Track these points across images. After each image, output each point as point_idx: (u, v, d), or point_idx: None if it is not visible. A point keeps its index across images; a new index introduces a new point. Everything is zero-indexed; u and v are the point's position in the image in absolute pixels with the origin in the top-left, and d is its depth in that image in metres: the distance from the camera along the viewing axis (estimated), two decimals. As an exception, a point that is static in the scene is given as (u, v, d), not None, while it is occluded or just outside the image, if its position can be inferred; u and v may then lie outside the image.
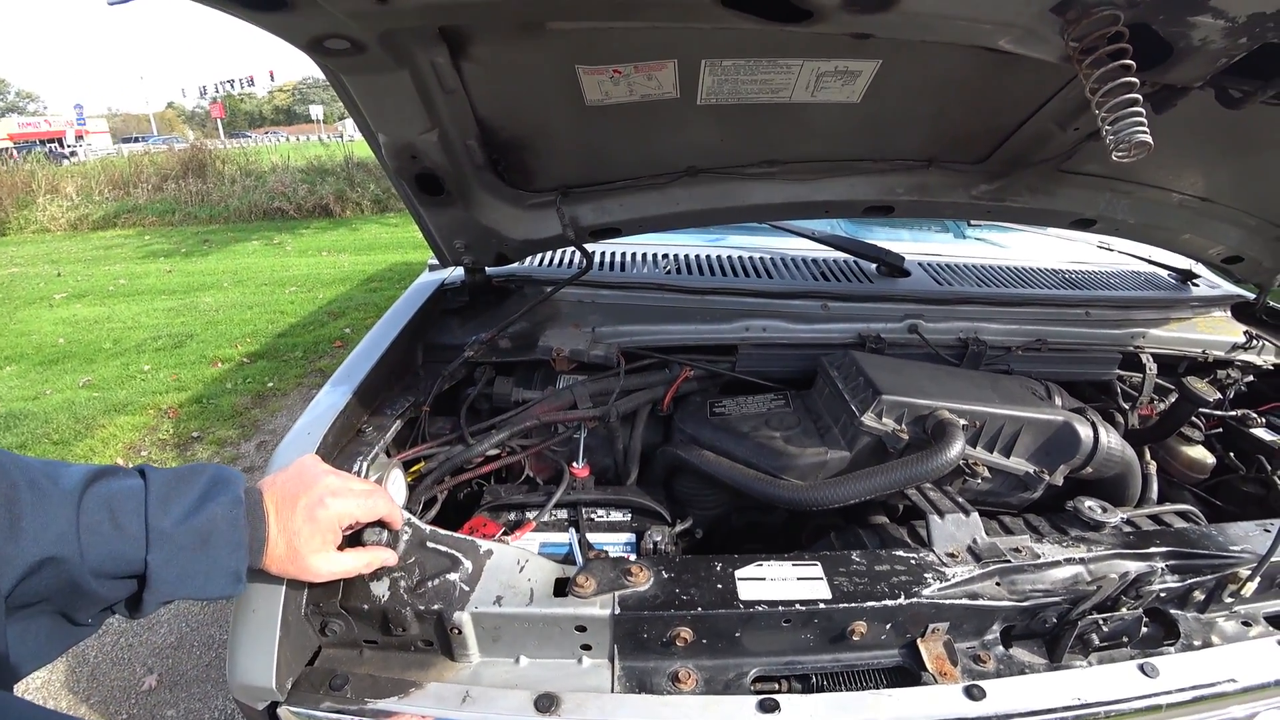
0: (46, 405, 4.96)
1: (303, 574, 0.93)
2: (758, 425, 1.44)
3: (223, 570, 0.81)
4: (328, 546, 0.94)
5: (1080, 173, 1.56)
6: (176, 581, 0.78)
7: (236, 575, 0.83)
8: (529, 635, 1.04)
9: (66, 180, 13.71)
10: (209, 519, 0.80)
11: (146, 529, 0.75)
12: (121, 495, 0.76)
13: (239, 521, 0.83)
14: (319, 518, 0.92)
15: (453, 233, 1.54)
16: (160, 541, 0.76)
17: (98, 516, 0.72)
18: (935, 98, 1.30)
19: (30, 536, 0.67)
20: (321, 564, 0.93)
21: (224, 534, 0.81)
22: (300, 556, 0.91)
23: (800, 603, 1.03)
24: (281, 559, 0.90)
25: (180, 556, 0.78)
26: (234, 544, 0.82)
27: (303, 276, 8.46)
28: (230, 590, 0.84)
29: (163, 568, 0.76)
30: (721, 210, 1.59)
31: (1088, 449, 1.36)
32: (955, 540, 1.18)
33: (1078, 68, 0.80)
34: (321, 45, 0.92)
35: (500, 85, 1.18)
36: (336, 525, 0.95)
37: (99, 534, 0.72)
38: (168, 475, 0.81)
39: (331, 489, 0.95)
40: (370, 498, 1.00)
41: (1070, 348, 1.78)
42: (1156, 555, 1.17)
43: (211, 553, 0.80)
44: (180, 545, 0.78)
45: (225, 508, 0.82)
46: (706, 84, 1.20)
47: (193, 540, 0.79)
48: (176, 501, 0.79)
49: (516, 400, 1.54)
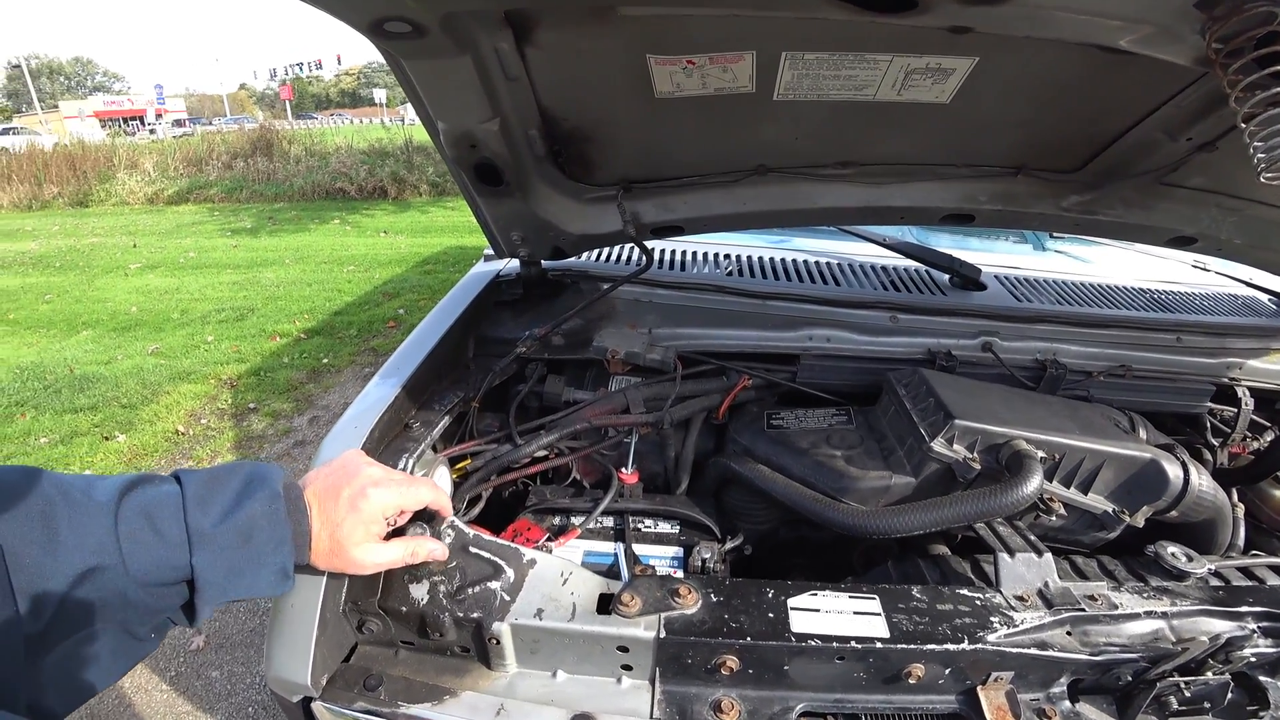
0: (117, 370, 5.18)
1: (348, 567, 0.91)
2: (817, 442, 1.36)
3: (269, 566, 0.80)
4: (371, 538, 0.92)
5: (1183, 186, 1.43)
6: (224, 582, 0.77)
7: (284, 571, 0.82)
8: (569, 651, 1.01)
9: (145, 156, 14.31)
10: (249, 516, 0.79)
11: (187, 532, 0.74)
12: (158, 501, 0.74)
13: (279, 516, 0.82)
14: (361, 508, 0.90)
15: (510, 224, 1.50)
16: (203, 543, 0.75)
17: (136, 524, 0.71)
18: (1032, 100, 1.20)
19: (69, 547, 0.66)
20: (366, 555, 0.91)
21: (265, 530, 0.80)
22: (344, 549, 0.89)
23: (856, 639, 0.97)
24: (326, 553, 0.88)
25: (225, 556, 0.76)
26: (277, 539, 0.81)
27: (361, 256, 8.65)
28: (279, 587, 0.82)
29: (209, 569, 0.75)
30: (790, 212, 1.51)
31: (1176, 491, 1.25)
32: (1025, 582, 1.11)
33: (1219, 74, 0.70)
34: (381, 28, 0.88)
35: (566, 74, 1.13)
36: (379, 515, 0.92)
37: (139, 542, 0.71)
38: (203, 476, 0.80)
39: (374, 479, 0.93)
40: (414, 486, 0.98)
41: (1158, 376, 1.65)
42: (1249, 615, 1.08)
43: (255, 549, 0.79)
44: (223, 545, 0.76)
45: (264, 503, 0.81)
46: (785, 79, 1.12)
47: (235, 539, 0.77)
48: (214, 502, 0.78)
49: (567, 400, 1.50)
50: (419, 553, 0.98)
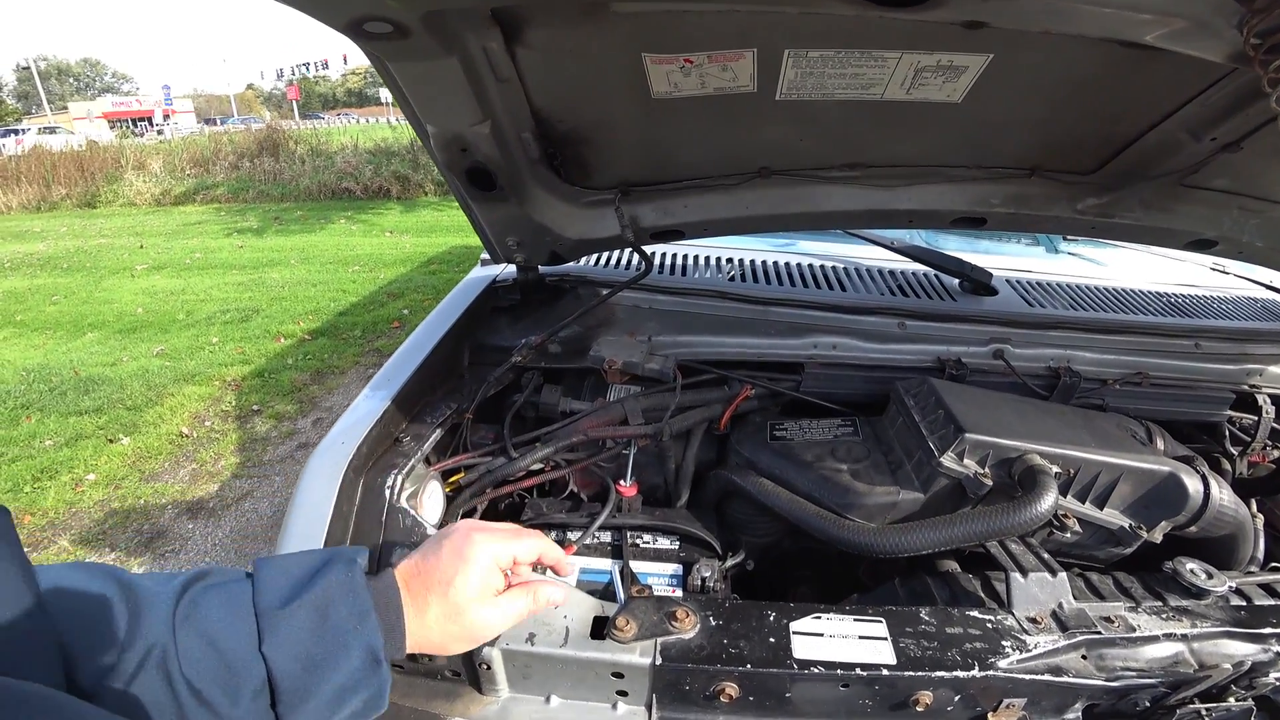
0: (122, 372, 5.18)
1: (468, 635, 0.77)
2: (822, 454, 1.31)
3: (355, 649, 0.67)
4: (490, 592, 0.79)
5: (1204, 188, 1.38)
6: (304, 677, 0.64)
7: (372, 654, 0.68)
8: (562, 676, 0.98)
9: (152, 157, 14.36)
10: (323, 589, 0.68)
11: (256, 615, 0.65)
12: (222, 585, 0.67)
13: (358, 584, 0.70)
14: (471, 556, 0.77)
15: (505, 229, 1.45)
16: (272, 627, 0.65)
17: (189, 609, 0.63)
18: (1048, 99, 1.14)
19: (125, 644, 0.59)
20: (489, 615, 0.78)
21: (343, 601, 0.68)
22: (462, 612, 0.75)
23: (861, 666, 0.94)
24: (438, 621, 0.75)
25: (300, 641, 0.65)
26: (359, 612, 0.68)
27: (366, 256, 8.64)
28: (370, 679, 0.68)
29: (283, 659, 0.64)
30: (794, 216, 1.46)
31: (1196, 506, 1.20)
32: (1038, 603, 1.07)
33: (1259, 71, 0.65)
34: (361, 29, 0.83)
35: (559, 74, 1.08)
36: (494, 564, 0.80)
37: (194, 625, 0.62)
38: (274, 563, 0.71)
39: (477, 526, 0.83)
40: (524, 535, 0.86)
41: (1175, 383, 1.60)
42: (1272, 637, 1.03)
43: (335, 627, 0.67)
44: (297, 626, 0.65)
45: (340, 572, 0.70)
46: (788, 77, 1.07)
47: (310, 616, 0.66)
48: (284, 581, 0.69)
49: (564, 410, 1.45)
50: (540, 599, 0.85)
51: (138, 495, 3.64)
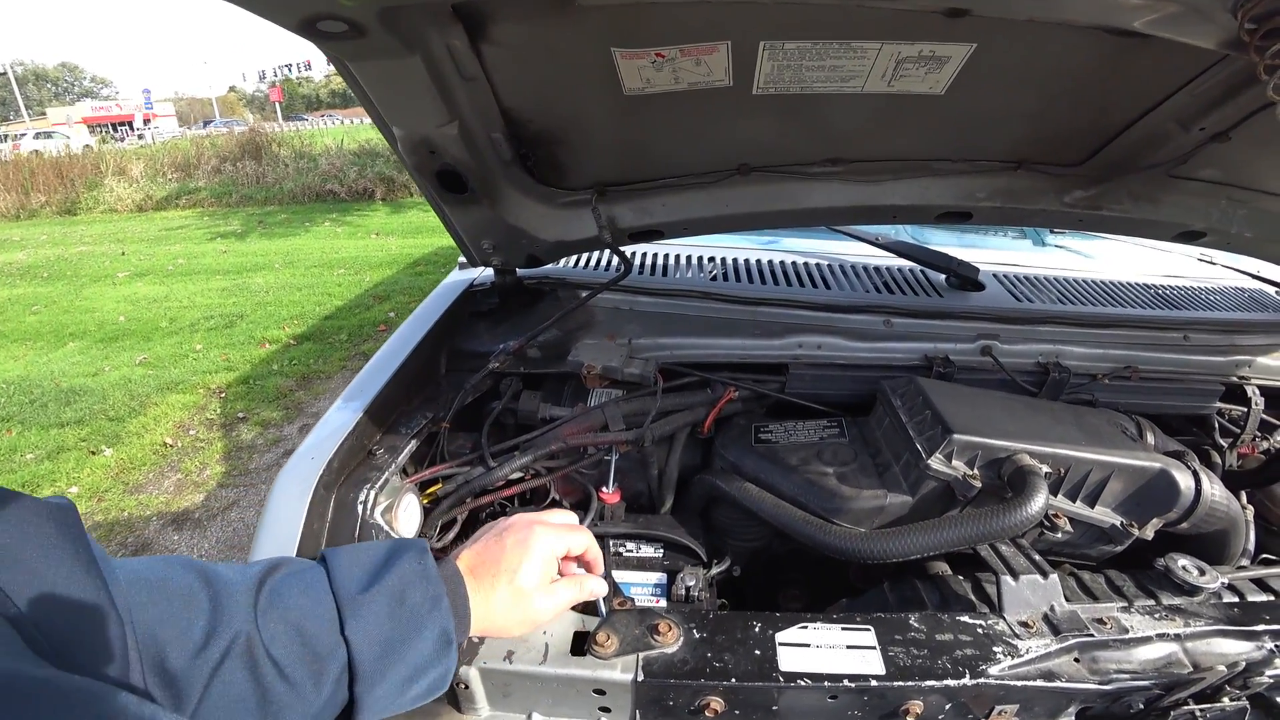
0: (104, 381, 5.10)
1: (528, 619, 0.83)
2: (808, 458, 1.28)
3: (430, 630, 0.72)
4: (547, 580, 0.86)
5: (1193, 178, 1.35)
6: (382, 659, 0.69)
7: (445, 636, 0.72)
8: (542, 693, 0.95)
9: (132, 162, 14.18)
10: (399, 576, 0.72)
11: (336, 600, 0.68)
12: (300, 573, 0.70)
13: (431, 573, 0.74)
14: (533, 545, 0.83)
15: (480, 233, 1.41)
16: (354, 610, 0.68)
17: (274, 600, 0.66)
18: (1034, 90, 1.12)
19: (208, 632, 0.61)
20: (548, 601, 0.84)
21: (419, 587, 0.73)
22: (527, 598, 0.81)
23: (849, 678, 0.91)
24: (503, 606, 0.80)
25: (379, 625, 0.69)
26: (433, 597, 0.73)
27: (351, 259, 8.56)
28: (442, 658, 0.73)
29: (364, 642, 0.67)
30: (776, 213, 1.43)
31: (1187, 502, 1.19)
32: (1030, 606, 1.05)
33: (1255, 57, 0.62)
34: (315, 28, 0.79)
35: (527, 72, 1.05)
36: (552, 555, 0.86)
37: (282, 619, 0.65)
38: (344, 551, 0.75)
39: (537, 519, 0.88)
40: (575, 530, 0.92)
41: (1165, 377, 1.57)
42: (1265, 634, 1.02)
43: (411, 611, 0.71)
44: (376, 610, 0.69)
45: (413, 561, 0.74)
46: (764, 70, 1.04)
47: (388, 602, 0.70)
48: (359, 567, 0.72)
49: (544, 417, 1.41)
50: (586, 589, 0.91)
51: (121, 507, 3.58)
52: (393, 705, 0.71)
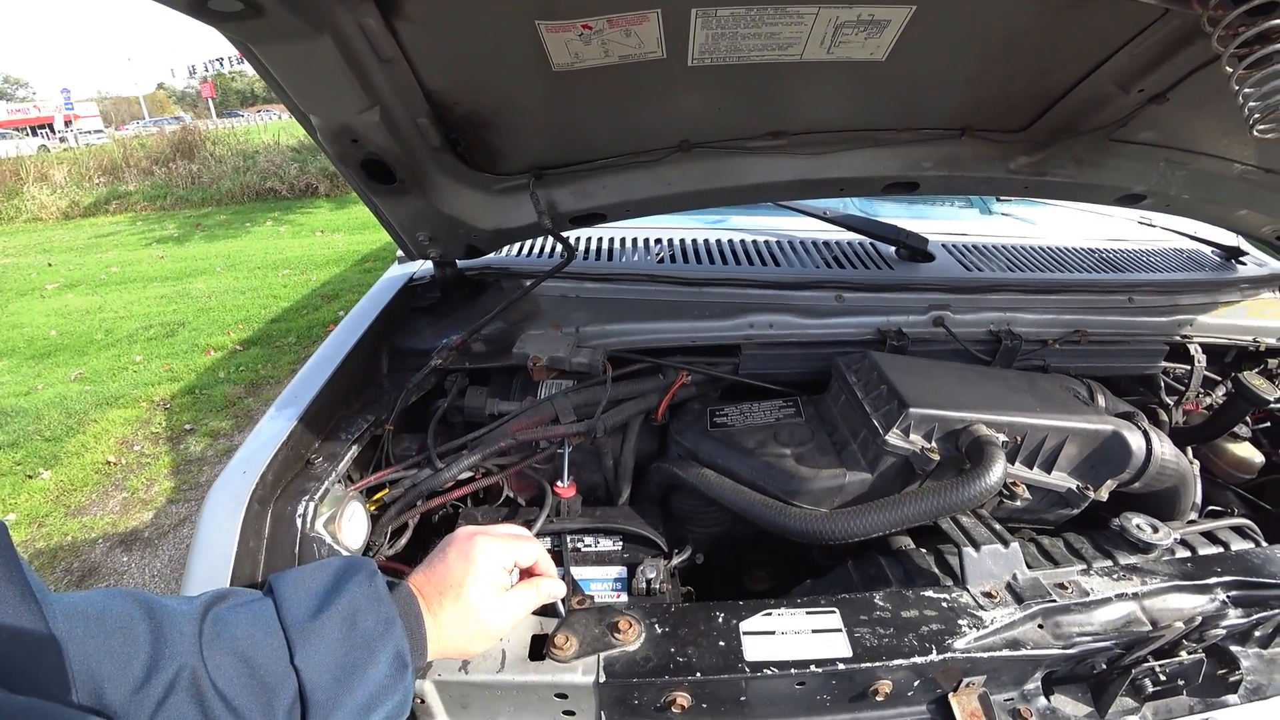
0: (38, 400, 4.86)
1: (482, 633, 0.81)
2: (765, 439, 1.26)
3: (384, 654, 0.69)
4: (498, 590, 0.83)
5: (1133, 141, 1.36)
6: (336, 686, 0.66)
7: (400, 658, 0.70)
8: (503, 702, 0.92)
9: (54, 167, 13.48)
10: (349, 601, 0.70)
11: (284, 629, 0.65)
12: (246, 604, 0.67)
13: (381, 594, 0.72)
14: (475, 556, 0.81)
15: (414, 224, 1.35)
16: (304, 637, 0.66)
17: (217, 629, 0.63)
18: (975, 54, 1.09)
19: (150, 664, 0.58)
20: (499, 611, 0.82)
21: (369, 610, 0.70)
22: (474, 612, 0.79)
23: (816, 663, 0.90)
24: (454, 623, 0.78)
25: (331, 651, 0.66)
26: (385, 619, 0.70)
27: (296, 259, 8.31)
28: (397, 683, 0.70)
29: (316, 670, 0.65)
30: (720, 191, 1.39)
31: (1139, 462, 1.20)
32: (993, 576, 1.05)
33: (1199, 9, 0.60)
34: (206, 8, 0.72)
35: (449, 50, 0.98)
36: (498, 564, 0.84)
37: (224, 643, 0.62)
38: (290, 576, 0.73)
39: (477, 530, 0.86)
40: (521, 539, 0.90)
41: (1113, 339, 1.60)
42: (1217, 586, 1.05)
43: (364, 635, 0.68)
44: (327, 637, 0.67)
45: (362, 584, 0.72)
46: (699, 40, 1.00)
47: (339, 626, 0.68)
48: (307, 593, 0.70)
49: (492, 413, 1.37)
50: (544, 592, 0.89)
51: (64, 531, 3.41)
52: None
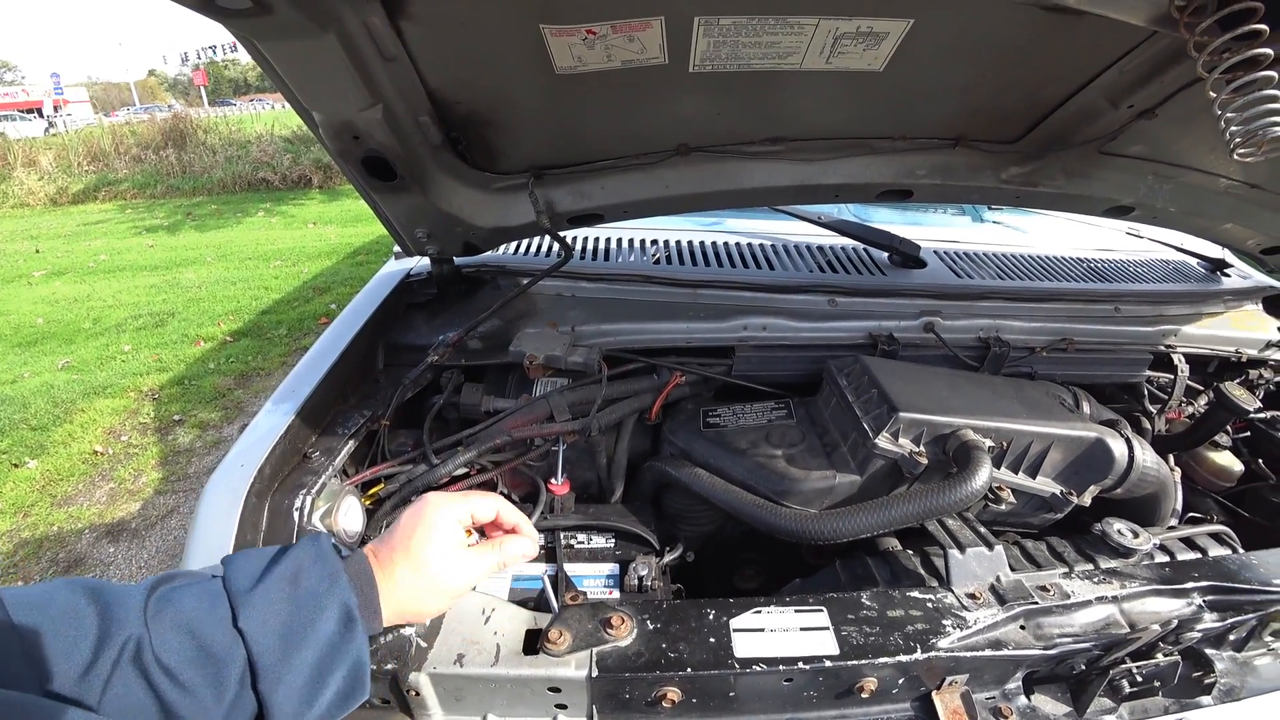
0: (24, 389, 4.81)
1: (435, 584, 0.77)
2: (757, 440, 1.28)
3: (330, 610, 0.67)
4: (453, 547, 0.80)
5: (1122, 155, 1.39)
6: (282, 648, 0.63)
7: (347, 612, 0.68)
8: (496, 695, 0.93)
9: (42, 152, 13.32)
10: (293, 562, 0.69)
11: (228, 594, 0.64)
12: (190, 580, 0.66)
13: (326, 552, 0.71)
14: (426, 513, 0.79)
15: (412, 221, 1.36)
16: (247, 602, 0.64)
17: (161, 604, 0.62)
18: (970, 67, 1.12)
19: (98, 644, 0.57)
20: (454, 569, 0.79)
21: (314, 568, 0.69)
22: (426, 563, 0.76)
23: (804, 660, 0.92)
24: (405, 578, 0.75)
25: (275, 610, 0.65)
26: (330, 574, 0.69)
27: (288, 250, 8.27)
28: (347, 640, 0.67)
29: (259, 632, 0.63)
30: (717, 194, 1.41)
31: (1121, 468, 1.23)
32: (977, 578, 1.07)
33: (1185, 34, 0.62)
34: (215, 5, 0.73)
35: (452, 51, 0.99)
36: (452, 520, 0.81)
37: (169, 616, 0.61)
38: (237, 556, 0.71)
39: (433, 493, 0.85)
40: (478, 495, 0.87)
41: (1098, 348, 1.63)
42: (1194, 591, 1.08)
43: (307, 592, 0.67)
44: (270, 598, 0.65)
45: (307, 547, 0.71)
46: (700, 48, 1.01)
47: (282, 587, 0.66)
48: (251, 564, 0.68)
49: (487, 410, 1.38)
50: (508, 552, 0.86)
51: (50, 521, 3.38)
52: (310, 710, 0.66)
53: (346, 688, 0.68)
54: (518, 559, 0.88)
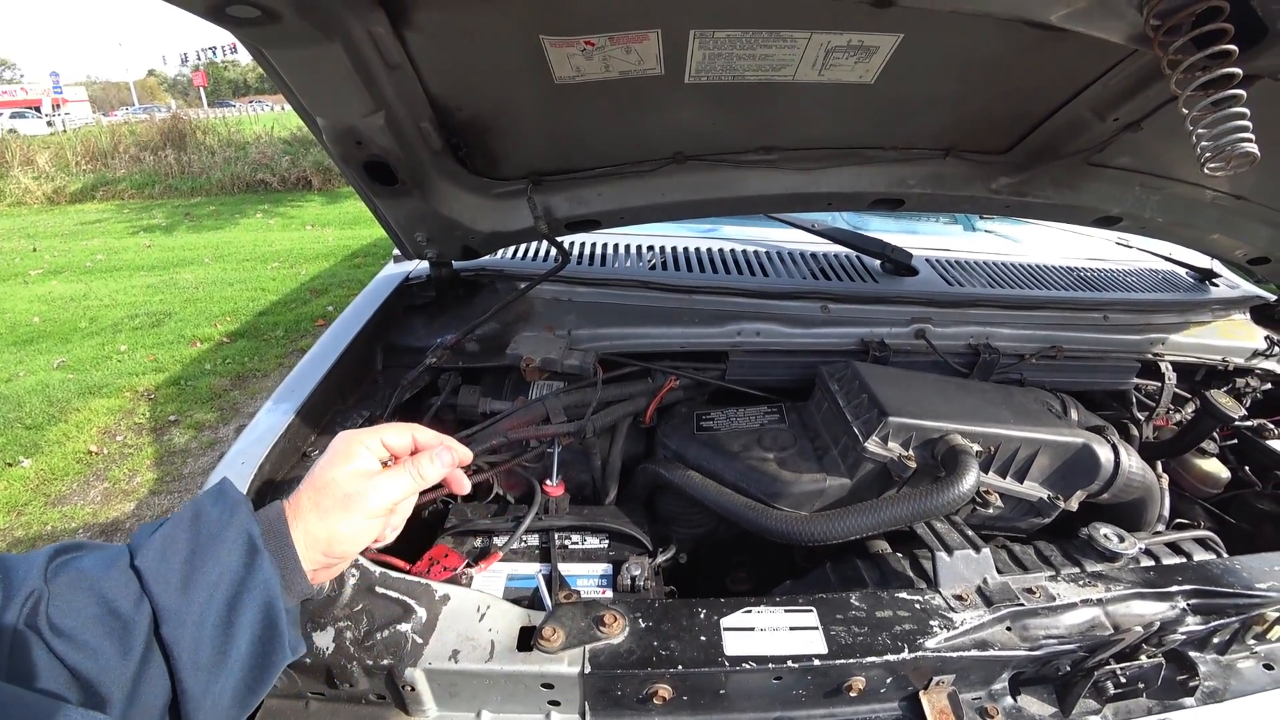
0: (19, 388, 4.80)
1: (342, 504, 0.71)
2: (749, 444, 1.30)
3: (230, 538, 0.63)
4: (362, 471, 0.74)
5: (1110, 166, 1.42)
6: (180, 585, 0.59)
7: (249, 540, 0.63)
8: (490, 691, 0.94)
9: (40, 151, 13.31)
10: (195, 505, 0.65)
11: (130, 553, 0.61)
12: (94, 544, 0.62)
13: (228, 491, 0.67)
14: (333, 445, 0.75)
15: (412, 225, 1.38)
16: (145, 547, 0.61)
17: (62, 567, 0.58)
18: (960, 80, 1.15)
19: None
20: (364, 489, 0.72)
21: (214, 504, 0.65)
22: (331, 484, 0.71)
23: (793, 658, 0.93)
24: (311, 503, 0.70)
25: (173, 547, 0.61)
26: (229, 507, 0.65)
27: (285, 251, 8.28)
28: (252, 569, 0.62)
29: (156, 565, 0.59)
30: (712, 202, 1.43)
31: (1107, 474, 1.25)
32: (964, 580, 1.09)
33: (1159, 53, 0.65)
34: (225, 13, 0.75)
35: (454, 59, 1.02)
36: (360, 448, 0.75)
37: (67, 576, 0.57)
38: (148, 524, 0.67)
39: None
40: (392, 425, 0.82)
41: (1087, 355, 1.65)
42: (1178, 594, 1.09)
43: (207, 525, 0.63)
44: (169, 538, 0.62)
45: (211, 493, 0.67)
46: (695, 59, 1.04)
47: (182, 527, 0.63)
48: (154, 524, 0.65)
49: (484, 412, 1.40)
50: (422, 473, 0.79)
51: (44, 521, 3.38)
52: (224, 661, 0.61)
53: (262, 632, 0.63)
54: (440, 472, 0.81)
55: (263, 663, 0.63)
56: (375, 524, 0.75)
